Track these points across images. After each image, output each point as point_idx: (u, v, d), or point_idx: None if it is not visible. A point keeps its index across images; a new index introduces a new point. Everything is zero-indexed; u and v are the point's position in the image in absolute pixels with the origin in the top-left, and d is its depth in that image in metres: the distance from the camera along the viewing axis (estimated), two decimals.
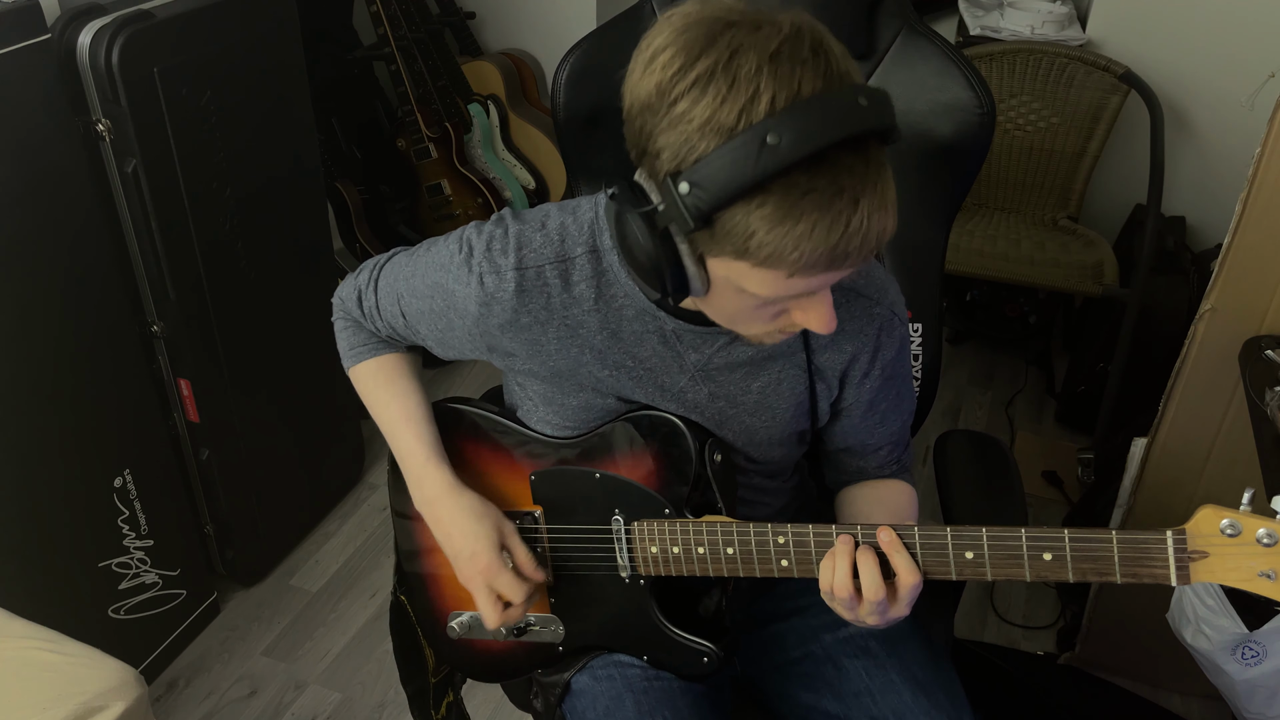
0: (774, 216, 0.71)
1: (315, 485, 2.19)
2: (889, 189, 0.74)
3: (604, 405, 1.00)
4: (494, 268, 0.93)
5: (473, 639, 1.12)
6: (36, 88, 1.43)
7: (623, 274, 0.93)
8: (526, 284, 0.93)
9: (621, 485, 0.99)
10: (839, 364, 1.00)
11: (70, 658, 1.18)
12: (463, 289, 0.95)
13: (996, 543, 0.83)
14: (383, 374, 1.09)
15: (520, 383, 1.04)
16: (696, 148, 0.71)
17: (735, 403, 0.99)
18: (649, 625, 1.01)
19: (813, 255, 0.72)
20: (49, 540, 1.61)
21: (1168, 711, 1.77)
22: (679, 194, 0.72)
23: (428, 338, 1.04)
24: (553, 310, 0.95)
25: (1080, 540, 0.80)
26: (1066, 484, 2.28)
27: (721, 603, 1.03)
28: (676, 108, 0.72)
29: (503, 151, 2.79)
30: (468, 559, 1.00)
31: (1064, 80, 2.42)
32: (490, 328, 0.96)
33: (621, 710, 1.01)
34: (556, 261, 0.94)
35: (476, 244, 0.95)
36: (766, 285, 0.77)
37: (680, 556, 0.96)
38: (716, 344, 0.96)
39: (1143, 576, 0.79)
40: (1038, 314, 2.63)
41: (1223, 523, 0.76)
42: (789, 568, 0.92)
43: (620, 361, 0.97)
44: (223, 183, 1.75)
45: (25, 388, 1.51)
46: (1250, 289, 1.42)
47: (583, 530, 1.01)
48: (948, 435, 1.30)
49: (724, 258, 0.76)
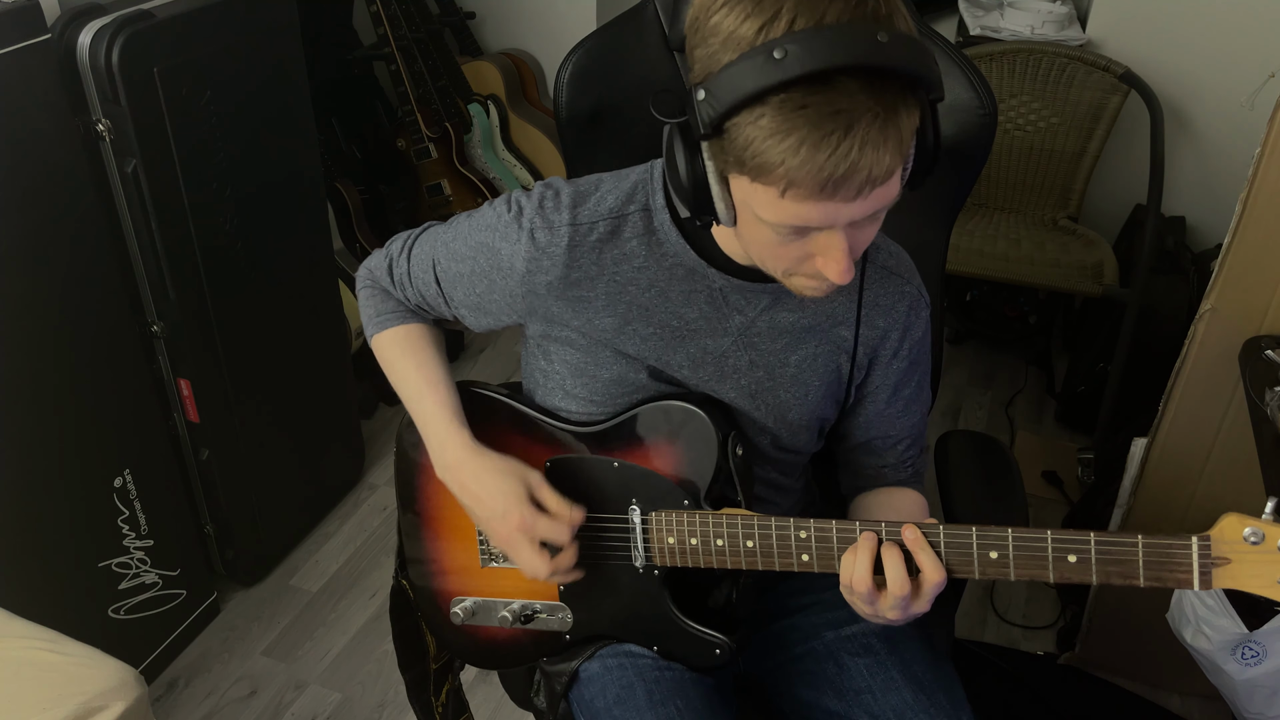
0: (769, 127, 0.73)
1: (315, 485, 2.19)
2: (895, 130, 0.73)
3: (636, 381, 0.99)
4: (547, 223, 0.95)
5: (477, 625, 1.11)
6: (36, 88, 1.43)
7: (674, 233, 0.95)
8: (578, 239, 0.95)
9: (640, 475, 0.99)
10: (872, 340, 1.01)
11: (70, 658, 1.17)
12: (510, 246, 0.96)
13: (1022, 544, 0.83)
14: (407, 342, 1.07)
15: (550, 353, 1.02)
16: (719, 59, 0.74)
17: (773, 374, 0.99)
18: (661, 616, 1.01)
19: (799, 173, 0.73)
20: (49, 540, 1.61)
21: (1168, 711, 1.77)
22: (696, 101, 0.75)
23: (461, 304, 1.03)
24: (603, 266, 0.96)
25: (1106, 544, 0.81)
26: (1066, 484, 2.28)
27: (732, 596, 1.03)
28: (710, 21, 0.75)
29: (503, 151, 2.79)
30: (500, 518, 0.97)
31: (1064, 80, 2.42)
32: (537, 285, 0.96)
33: (633, 699, 1.00)
34: (609, 218, 0.96)
35: (527, 204, 0.97)
36: (767, 207, 0.78)
37: (698, 548, 0.96)
38: (761, 304, 0.97)
39: (1166, 581, 0.80)
40: (1038, 314, 2.63)
41: (1246, 530, 0.77)
42: (809, 562, 0.92)
43: (665, 321, 0.97)
44: (223, 183, 1.75)
45: (25, 388, 1.51)
46: (1250, 289, 1.42)
47: (598, 519, 1.01)
48: (948, 435, 1.31)
49: (735, 175, 0.79)
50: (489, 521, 0.98)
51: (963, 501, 1.21)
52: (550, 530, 0.96)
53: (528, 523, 0.95)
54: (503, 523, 0.97)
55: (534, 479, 0.98)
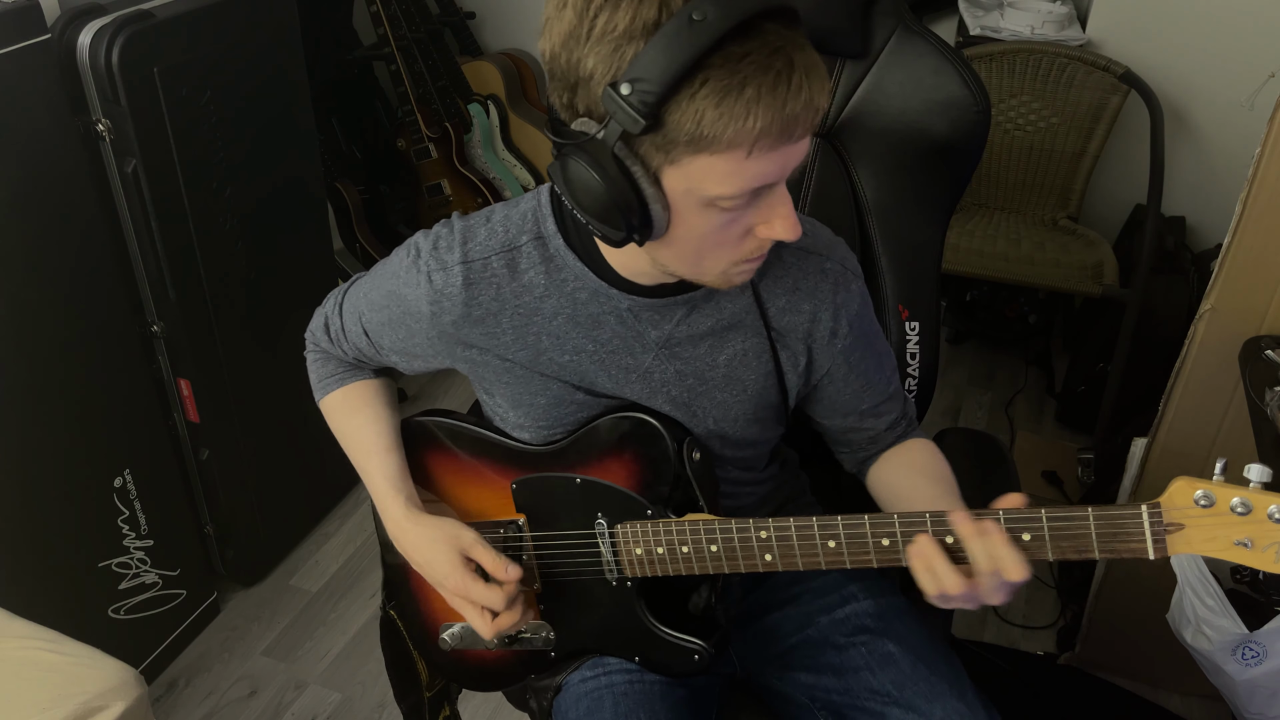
0: (719, 90, 0.72)
1: (315, 485, 2.19)
2: (818, 60, 0.76)
3: (574, 400, 0.99)
4: (440, 264, 0.95)
5: (465, 649, 1.13)
6: (36, 88, 1.43)
7: (570, 257, 0.94)
8: (473, 276, 0.95)
9: (602, 489, 0.99)
10: (801, 326, 0.99)
11: (70, 658, 1.18)
12: (413, 291, 0.96)
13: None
14: (348, 404, 1.11)
15: (489, 389, 1.03)
16: (628, 50, 0.72)
17: (704, 378, 0.99)
18: (638, 627, 1.01)
19: (766, 120, 0.73)
20: (49, 540, 1.61)
21: (1168, 711, 1.77)
22: (621, 96, 0.72)
23: (391, 351, 1.05)
24: (504, 300, 0.95)
25: (1058, 518, 0.80)
26: (1066, 484, 2.28)
27: (711, 599, 1.03)
28: (599, 23, 0.73)
29: (503, 151, 2.79)
30: (440, 583, 1.01)
31: (1064, 80, 2.42)
32: (445, 326, 0.97)
33: (599, 711, 1.01)
34: (502, 251, 0.95)
35: (423, 246, 0.97)
36: (729, 177, 0.76)
37: (665, 556, 0.96)
38: (675, 316, 0.96)
39: (1121, 552, 0.79)
40: (1038, 314, 2.63)
41: (1196, 494, 0.76)
42: (773, 561, 0.91)
43: (580, 345, 0.97)
44: (223, 183, 1.75)
45: (25, 388, 1.52)
46: (1250, 289, 1.42)
47: (567, 535, 1.01)
48: (945, 434, 1.30)
49: (679, 162, 0.76)
50: (438, 585, 1.03)
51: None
52: (485, 597, 0.98)
53: (462, 587, 0.98)
54: (443, 588, 1.01)
55: (467, 540, 0.99)
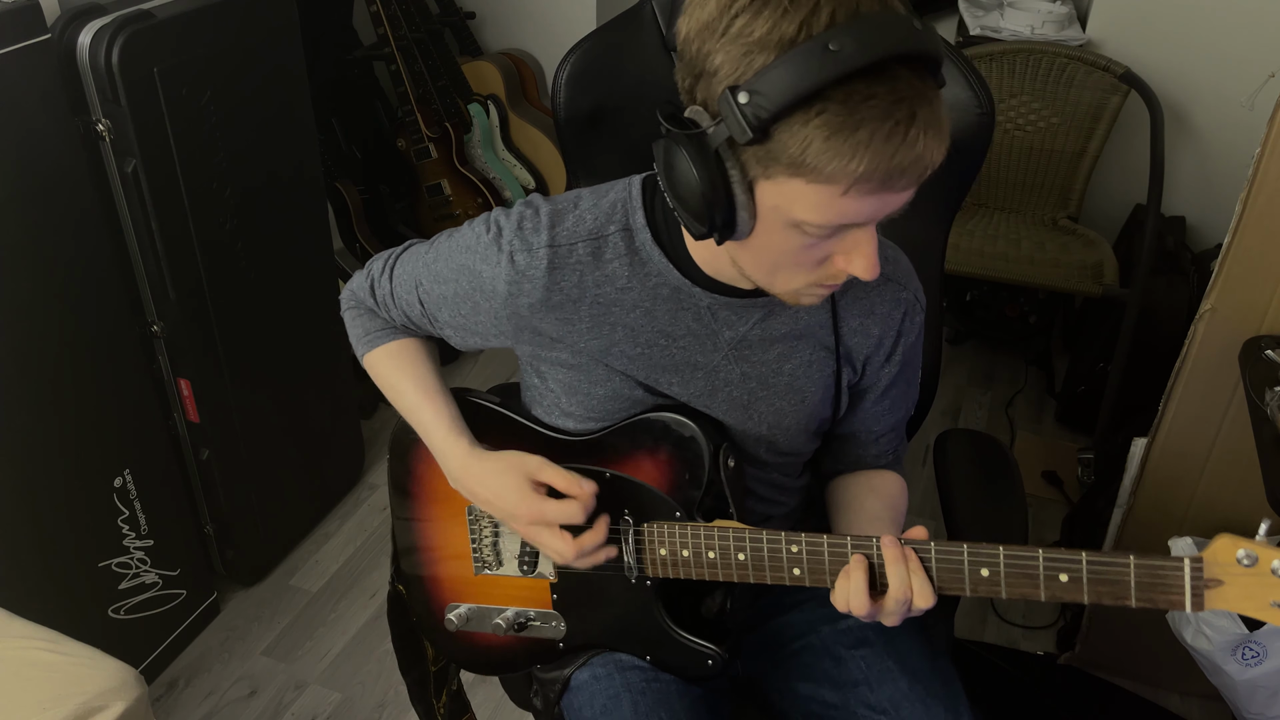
0: (833, 124, 0.71)
1: (315, 485, 2.19)
2: (944, 116, 0.74)
3: (631, 396, 0.99)
4: (526, 245, 0.94)
5: (471, 631, 1.12)
6: (36, 88, 1.43)
7: (656, 252, 0.94)
8: (559, 261, 0.94)
9: (632, 486, 0.98)
10: (865, 348, 1.01)
11: (70, 658, 1.18)
12: (491, 269, 0.95)
13: (1013, 562, 0.83)
14: (401, 356, 1.07)
15: (543, 372, 1.02)
16: (757, 60, 0.71)
17: (766, 384, 0.99)
18: (654, 626, 1.01)
19: (870, 166, 0.72)
20: (49, 540, 1.61)
21: (1168, 711, 1.77)
22: (738, 104, 0.72)
23: (446, 325, 1.03)
24: (585, 288, 0.95)
25: (1097, 564, 0.80)
26: (1066, 484, 2.28)
27: (726, 605, 1.03)
28: (737, 23, 0.72)
29: (503, 151, 2.79)
30: (510, 517, 0.97)
31: (1064, 80, 2.42)
32: (520, 308, 0.95)
33: (619, 710, 1.00)
34: (589, 239, 0.94)
35: (506, 224, 0.95)
36: (819, 208, 0.76)
37: (690, 560, 0.96)
38: (752, 318, 0.96)
39: (1158, 602, 0.79)
40: (1038, 314, 2.63)
41: (1239, 553, 0.76)
42: (801, 576, 0.91)
43: (653, 340, 0.96)
44: (223, 183, 1.75)
45: (25, 388, 1.51)
46: (1250, 289, 1.42)
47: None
48: (947, 434, 1.30)
49: (776, 179, 0.76)
50: (507, 521, 0.98)
51: (962, 501, 1.21)
52: (560, 512, 0.94)
53: (535, 512, 0.94)
54: (516, 520, 0.97)
55: (533, 465, 0.96)
